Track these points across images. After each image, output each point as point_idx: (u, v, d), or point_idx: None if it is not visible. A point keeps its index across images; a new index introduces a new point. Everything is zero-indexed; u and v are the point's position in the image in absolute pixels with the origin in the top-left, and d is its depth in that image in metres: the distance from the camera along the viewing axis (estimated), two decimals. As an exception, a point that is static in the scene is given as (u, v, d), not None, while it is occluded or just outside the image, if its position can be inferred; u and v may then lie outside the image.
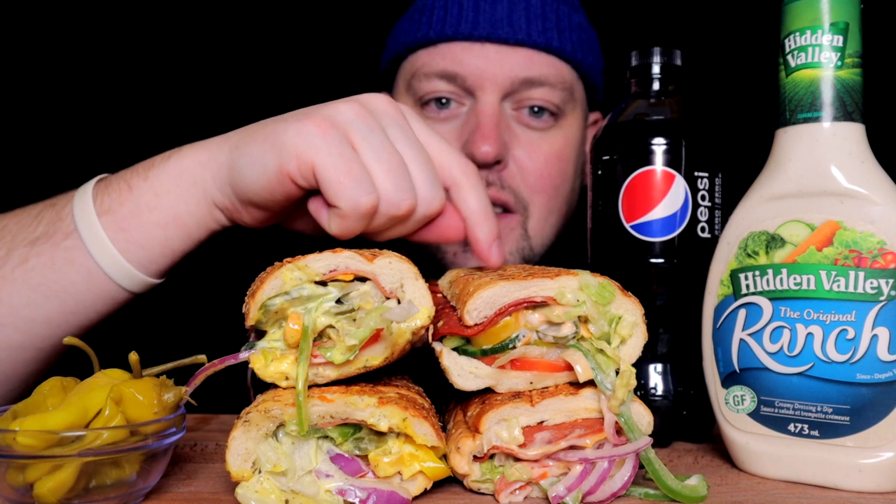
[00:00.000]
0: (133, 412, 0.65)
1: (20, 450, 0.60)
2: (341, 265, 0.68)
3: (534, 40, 1.27)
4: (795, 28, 0.75)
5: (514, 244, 1.31)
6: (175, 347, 0.82)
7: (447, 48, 1.29)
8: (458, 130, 1.29)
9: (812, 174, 0.74)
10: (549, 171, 1.31)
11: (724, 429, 0.80)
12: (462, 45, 1.28)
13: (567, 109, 1.33)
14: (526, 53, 1.27)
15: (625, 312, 0.71)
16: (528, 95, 1.28)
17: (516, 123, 1.30)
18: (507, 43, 1.27)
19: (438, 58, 1.30)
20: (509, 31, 1.26)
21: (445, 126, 1.30)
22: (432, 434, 0.68)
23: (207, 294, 1.69)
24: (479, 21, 1.27)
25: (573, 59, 1.31)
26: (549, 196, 1.32)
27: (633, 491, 0.70)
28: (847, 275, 0.71)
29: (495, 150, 1.23)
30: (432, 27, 1.30)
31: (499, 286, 0.68)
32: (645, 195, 0.89)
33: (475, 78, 1.27)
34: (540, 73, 1.28)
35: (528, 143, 1.30)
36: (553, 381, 0.72)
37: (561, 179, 1.33)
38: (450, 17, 1.29)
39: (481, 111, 1.27)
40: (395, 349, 0.69)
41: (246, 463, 0.66)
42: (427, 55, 1.31)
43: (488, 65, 1.26)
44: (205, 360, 0.70)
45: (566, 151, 1.34)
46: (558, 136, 1.32)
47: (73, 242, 0.90)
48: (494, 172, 1.27)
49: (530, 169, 1.29)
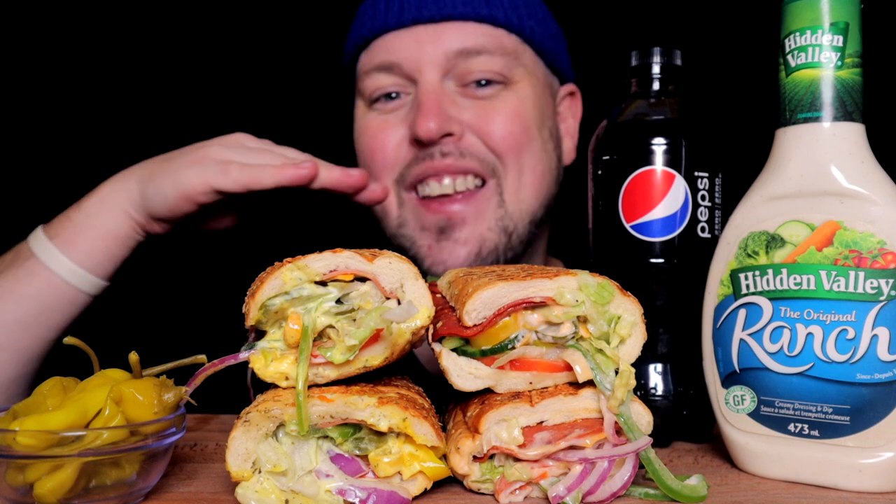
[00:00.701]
0: (133, 412, 0.65)
1: (20, 450, 0.60)
2: (341, 265, 0.68)
3: (460, 12, 1.26)
4: (795, 28, 0.75)
5: (491, 216, 1.28)
6: (175, 347, 0.83)
7: (381, 41, 1.30)
8: (405, 116, 1.29)
9: (812, 174, 0.74)
10: (508, 128, 1.28)
11: (724, 429, 0.80)
12: (393, 34, 1.28)
13: (515, 76, 1.30)
14: (457, 26, 1.26)
15: (624, 312, 0.71)
16: (468, 68, 1.27)
17: (462, 98, 1.28)
18: (434, 21, 1.26)
19: (374, 53, 1.31)
20: (434, 9, 1.26)
21: (394, 116, 1.30)
22: (432, 434, 0.68)
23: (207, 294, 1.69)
24: (405, 6, 1.27)
25: (509, 24, 1.29)
26: (516, 154, 1.29)
27: (633, 491, 0.70)
28: (847, 275, 0.71)
29: (438, 123, 1.22)
30: (365, 26, 1.31)
31: (498, 287, 0.68)
32: (645, 195, 0.89)
33: (411, 62, 1.26)
34: (475, 42, 1.26)
35: (480, 110, 1.28)
36: (552, 382, 0.72)
37: (525, 137, 1.30)
38: (377, 12, 1.30)
39: (421, 90, 1.26)
40: (394, 349, 0.69)
41: (246, 463, 0.66)
42: (367, 55, 1.33)
43: (420, 46, 1.26)
44: (205, 360, 0.70)
45: (522, 109, 1.30)
46: (511, 97, 1.30)
47: (32, 262, 1.14)
48: (450, 144, 1.25)
49: (488, 130, 1.27)
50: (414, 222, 1.30)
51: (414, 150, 1.27)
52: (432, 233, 1.28)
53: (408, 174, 1.28)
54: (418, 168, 1.27)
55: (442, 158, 1.25)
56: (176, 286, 2.01)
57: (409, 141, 1.27)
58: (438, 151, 1.25)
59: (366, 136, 1.34)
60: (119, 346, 0.78)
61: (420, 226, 1.29)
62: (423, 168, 1.26)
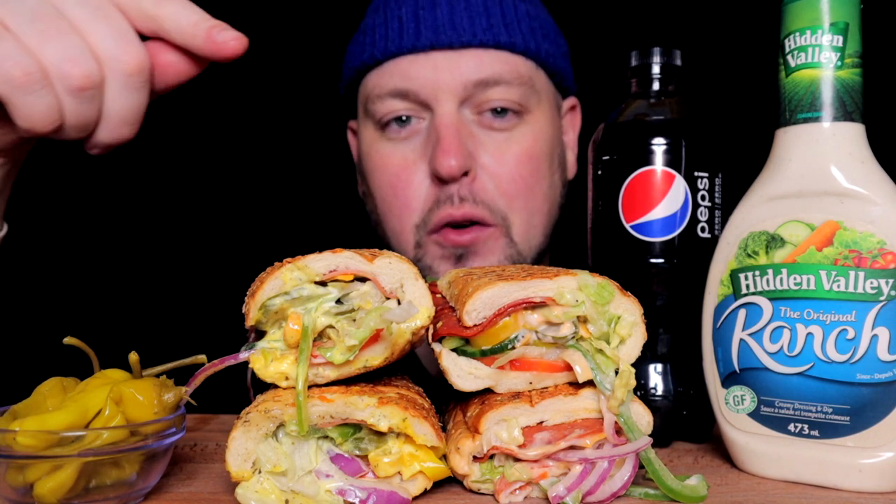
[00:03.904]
0: (133, 412, 0.65)
1: (20, 450, 0.60)
2: (341, 265, 0.68)
3: (479, 39, 1.22)
4: (795, 28, 0.75)
5: (500, 253, 1.28)
6: (175, 347, 0.83)
7: (395, 65, 1.25)
8: (423, 149, 1.25)
9: (812, 174, 0.74)
10: (520, 172, 1.26)
11: (724, 429, 0.80)
12: (409, 58, 1.24)
13: (531, 104, 1.28)
14: (475, 54, 1.23)
15: (624, 312, 0.71)
16: (486, 97, 1.24)
17: (479, 128, 1.25)
18: (452, 47, 1.22)
19: (387, 76, 1.26)
20: (453, 35, 1.22)
21: (409, 146, 1.26)
22: (432, 434, 0.68)
23: (207, 294, 1.69)
24: (421, 30, 1.23)
25: (527, 51, 1.26)
26: (526, 198, 1.28)
27: (633, 491, 0.70)
28: (847, 275, 0.71)
29: (459, 162, 1.19)
30: (377, 46, 1.26)
31: (498, 287, 0.68)
32: (645, 195, 0.89)
33: (427, 90, 1.23)
34: (493, 72, 1.23)
35: (495, 148, 1.25)
36: (552, 382, 0.72)
37: (535, 178, 1.29)
38: (391, 33, 1.25)
39: (439, 123, 1.22)
40: (394, 349, 0.69)
41: (246, 463, 0.66)
42: (377, 76, 1.28)
43: (438, 74, 1.22)
44: (205, 360, 0.70)
45: (536, 148, 1.29)
46: (527, 134, 1.28)
47: None
48: (465, 186, 1.23)
49: (501, 174, 1.25)
50: (432, 254, 1.28)
51: (435, 191, 1.24)
52: (450, 261, 1.28)
53: (430, 220, 1.26)
54: (440, 213, 1.24)
55: (460, 204, 1.23)
56: (176, 286, 2.01)
57: (430, 178, 1.25)
58: (457, 195, 1.23)
59: (386, 173, 1.29)
60: (119, 346, 0.78)
61: (440, 255, 1.28)
62: (444, 215, 1.24)
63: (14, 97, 0.71)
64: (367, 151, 1.34)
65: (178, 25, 0.75)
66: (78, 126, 0.75)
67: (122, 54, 0.73)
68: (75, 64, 0.71)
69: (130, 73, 0.74)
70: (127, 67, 0.74)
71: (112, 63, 0.73)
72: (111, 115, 0.76)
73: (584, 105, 1.49)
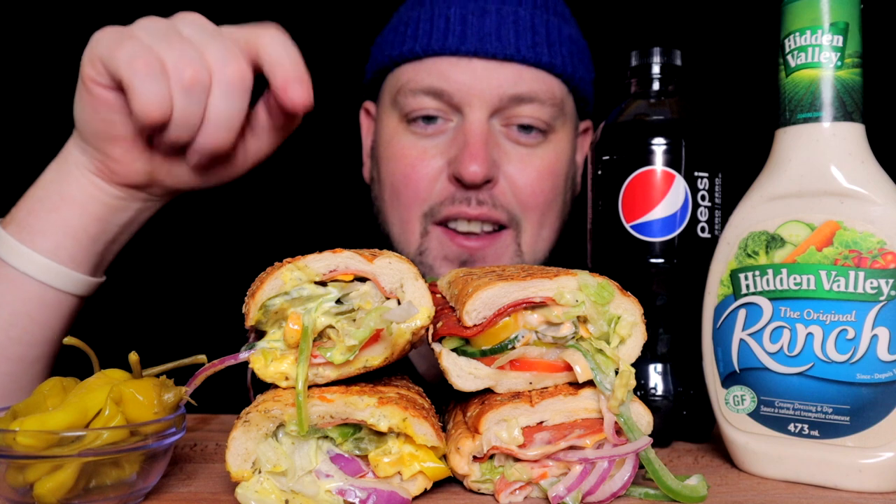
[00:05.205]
0: (133, 412, 0.65)
1: (20, 450, 0.60)
2: (341, 265, 0.68)
3: (523, 55, 1.24)
4: (795, 28, 0.75)
5: (508, 261, 1.29)
6: (175, 347, 0.83)
7: (433, 63, 1.26)
8: (446, 147, 1.26)
9: (812, 174, 0.74)
10: (541, 186, 1.29)
11: (724, 429, 0.80)
12: (449, 59, 1.24)
13: (557, 125, 1.30)
14: (515, 69, 1.24)
15: (624, 312, 0.71)
16: (517, 112, 1.25)
17: (505, 140, 1.27)
18: (495, 58, 1.23)
19: (424, 73, 1.26)
20: (497, 46, 1.23)
21: (432, 142, 1.27)
22: (432, 434, 0.68)
23: (207, 294, 1.69)
24: (467, 35, 1.24)
25: (563, 74, 1.28)
26: (542, 212, 1.30)
27: (633, 491, 0.70)
28: (847, 275, 0.71)
29: (484, 169, 1.21)
30: (418, 41, 1.26)
31: (498, 287, 0.68)
32: (645, 195, 0.89)
33: (462, 94, 1.24)
34: (529, 89, 1.25)
35: (519, 160, 1.27)
36: (552, 382, 0.72)
37: (553, 194, 1.31)
38: (436, 31, 1.25)
39: (469, 129, 1.23)
40: (394, 349, 0.69)
41: (246, 463, 0.66)
42: (412, 70, 1.28)
43: (476, 81, 1.23)
44: (205, 360, 0.70)
45: (557, 166, 1.31)
46: (549, 152, 1.30)
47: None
48: (485, 191, 1.25)
49: (522, 185, 1.27)
50: (437, 251, 1.29)
51: (451, 189, 1.25)
52: (454, 264, 1.28)
53: (440, 210, 1.26)
54: (453, 208, 1.25)
55: (478, 206, 1.24)
56: (176, 286, 2.01)
57: (447, 176, 1.25)
58: (475, 199, 1.24)
59: (402, 163, 1.29)
60: (119, 346, 0.78)
61: (443, 255, 1.29)
62: (457, 211, 1.25)
63: (135, 81, 0.83)
64: (386, 140, 1.34)
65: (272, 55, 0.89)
66: (184, 123, 0.87)
67: (227, 66, 0.87)
68: (188, 64, 0.85)
69: (233, 81, 0.87)
70: (231, 77, 0.87)
71: (219, 72, 0.87)
72: (212, 119, 0.88)
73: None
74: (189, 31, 0.87)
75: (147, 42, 0.85)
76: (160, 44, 0.85)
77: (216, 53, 0.86)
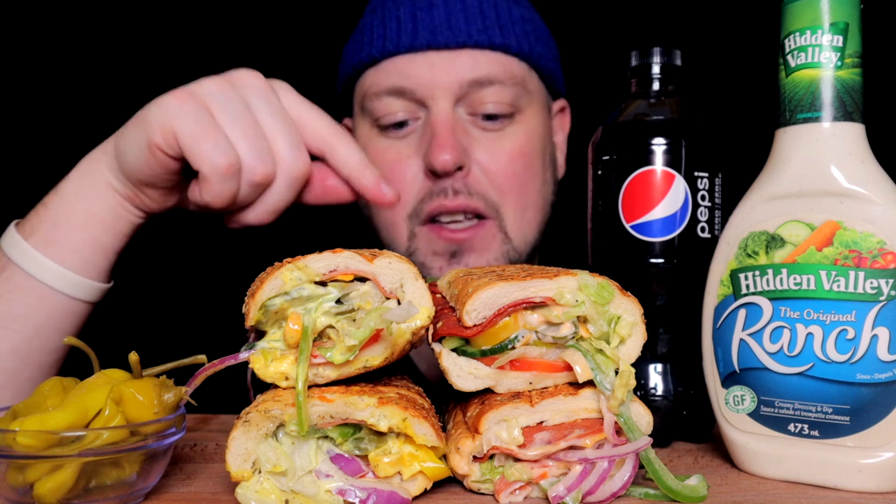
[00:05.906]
0: (133, 412, 0.65)
1: (20, 450, 0.60)
2: (341, 265, 0.68)
3: (475, 40, 1.25)
4: (795, 28, 0.75)
5: (497, 250, 1.30)
6: (175, 347, 0.83)
7: (392, 63, 1.28)
8: (418, 144, 1.28)
9: (812, 174, 0.74)
10: (513, 168, 1.29)
11: (724, 429, 0.80)
12: (405, 57, 1.27)
13: (523, 104, 1.31)
14: (470, 54, 1.26)
15: (624, 312, 0.71)
16: (480, 98, 1.26)
17: (473, 127, 1.28)
18: (448, 47, 1.25)
19: (384, 75, 1.28)
20: (449, 35, 1.25)
21: (405, 143, 1.29)
22: (432, 434, 0.68)
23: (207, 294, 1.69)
24: (419, 30, 1.26)
25: (520, 52, 1.29)
26: (519, 193, 1.31)
27: (633, 491, 0.70)
28: (847, 275, 0.71)
29: (454, 156, 1.22)
30: (374, 45, 1.29)
31: (498, 287, 0.68)
32: (645, 195, 0.89)
33: (424, 88, 1.25)
34: (487, 72, 1.26)
35: (488, 145, 1.28)
36: (552, 382, 0.72)
37: (528, 175, 1.32)
38: (389, 32, 1.28)
39: (435, 120, 1.25)
40: (394, 349, 0.69)
41: (246, 463, 0.66)
42: (374, 74, 1.30)
43: (434, 72, 1.25)
44: (205, 360, 0.70)
45: (528, 146, 1.32)
46: (519, 132, 1.31)
47: (11, 272, 0.96)
48: (459, 180, 1.26)
49: (494, 170, 1.28)
50: (425, 248, 1.30)
51: (428, 184, 1.27)
52: (444, 257, 1.29)
53: (422, 210, 1.28)
54: (432, 204, 1.27)
55: (454, 196, 1.25)
56: (176, 286, 2.01)
57: (423, 172, 1.27)
58: (451, 188, 1.25)
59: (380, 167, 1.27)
60: (119, 346, 0.78)
61: (432, 251, 1.30)
62: (437, 205, 1.26)
63: (214, 179, 0.88)
64: (362, 147, 1.35)
65: (347, 159, 0.96)
66: (240, 204, 0.94)
67: (294, 161, 0.92)
68: (260, 162, 0.89)
69: (296, 177, 0.93)
70: (296, 173, 0.93)
71: (285, 166, 0.92)
72: (265, 204, 0.94)
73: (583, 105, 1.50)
74: (262, 114, 0.91)
75: (226, 128, 0.88)
76: (237, 133, 0.88)
77: (284, 146, 0.91)
